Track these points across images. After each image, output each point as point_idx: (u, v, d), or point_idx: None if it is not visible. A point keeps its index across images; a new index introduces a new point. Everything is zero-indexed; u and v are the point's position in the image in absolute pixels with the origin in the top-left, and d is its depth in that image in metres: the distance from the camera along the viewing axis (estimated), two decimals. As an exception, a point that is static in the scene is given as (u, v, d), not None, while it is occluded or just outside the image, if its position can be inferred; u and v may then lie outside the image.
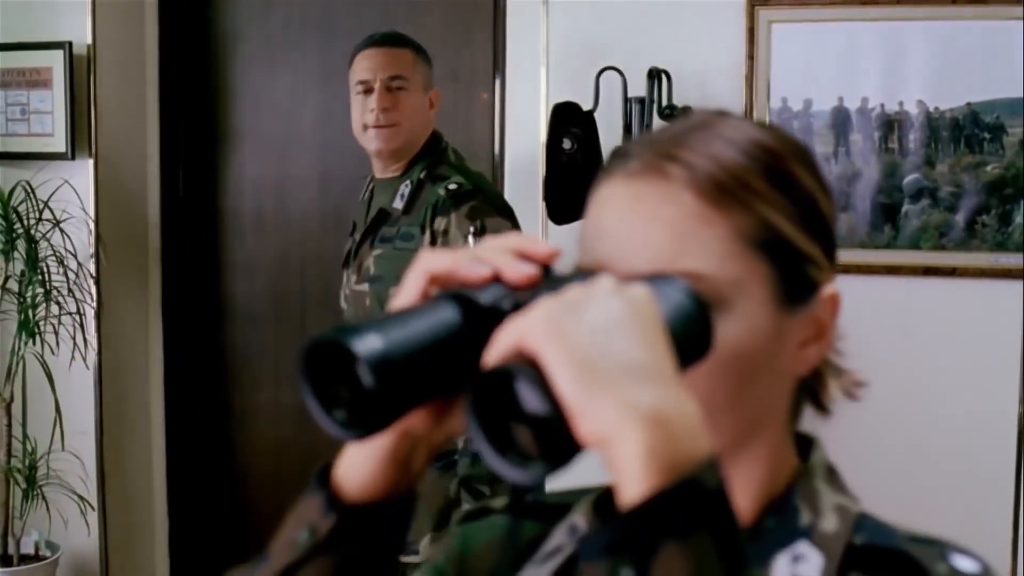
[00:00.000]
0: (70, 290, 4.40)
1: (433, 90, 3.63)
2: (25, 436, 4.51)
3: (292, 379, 2.04)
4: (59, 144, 4.50)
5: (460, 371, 0.91)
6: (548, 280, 0.96)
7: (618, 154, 1.13)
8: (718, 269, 1.06)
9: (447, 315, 0.92)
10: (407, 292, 0.98)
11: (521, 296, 0.93)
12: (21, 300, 4.39)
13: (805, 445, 1.19)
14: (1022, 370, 3.80)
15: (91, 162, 4.52)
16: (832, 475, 1.17)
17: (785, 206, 1.09)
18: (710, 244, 1.06)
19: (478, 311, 0.92)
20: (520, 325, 0.85)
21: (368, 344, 0.86)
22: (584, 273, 0.97)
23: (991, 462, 3.89)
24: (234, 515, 5.02)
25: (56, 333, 4.41)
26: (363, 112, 3.52)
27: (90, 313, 4.49)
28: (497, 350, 0.85)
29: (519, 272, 0.95)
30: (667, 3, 4.08)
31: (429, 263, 0.98)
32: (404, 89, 3.53)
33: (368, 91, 3.51)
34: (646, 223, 1.07)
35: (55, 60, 4.47)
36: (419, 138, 3.56)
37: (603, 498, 1.19)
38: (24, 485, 4.48)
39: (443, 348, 0.90)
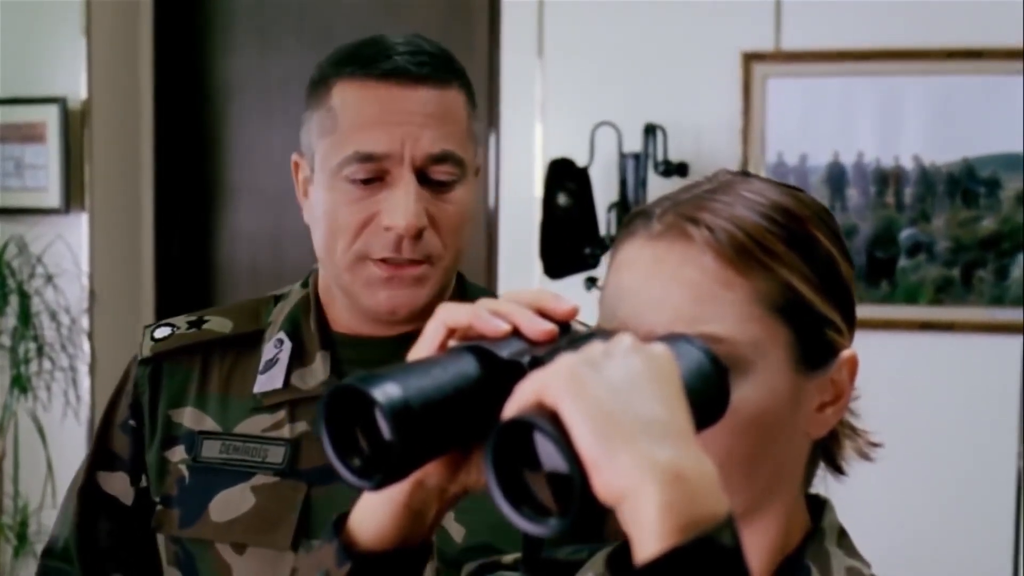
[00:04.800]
0: (63, 345, 4.39)
1: (478, 160, 1.79)
2: (16, 492, 4.48)
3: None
4: (53, 199, 4.49)
5: (477, 423, 0.91)
6: (566, 337, 0.96)
7: (639, 214, 1.14)
8: (738, 332, 1.06)
9: (466, 367, 0.92)
10: (425, 343, 0.98)
11: (539, 351, 0.93)
12: (13, 355, 4.37)
13: (816, 506, 1.19)
14: (1020, 425, 3.79)
15: (85, 216, 4.51)
16: (843, 537, 1.18)
17: (805, 270, 1.10)
18: (730, 307, 1.07)
19: (497, 364, 0.93)
20: (541, 378, 0.85)
21: (388, 392, 0.86)
22: (604, 332, 0.98)
23: (990, 517, 3.87)
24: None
25: (48, 389, 4.39)
26: (355, 222, 1.64)
27: (83, 369, 4.47)
28: (517, 402, 0.85)
29: (538, 328, 0.95)
30: (662, 59, 4.09)
31: (448, 315, 0.98)
32: (458, 181, 1.67)
33: (375, 179, 1.63)
34: (667, 285, 1.08)
35: (49, 115, 4.47)
36: (456, 271, 1.77)
37: (617, 553, 1.19)
38: (15, 542, 4.45)
39: (462, 399, 0.90)
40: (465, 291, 1.80)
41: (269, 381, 1.73)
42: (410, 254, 1.63)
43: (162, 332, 1.80)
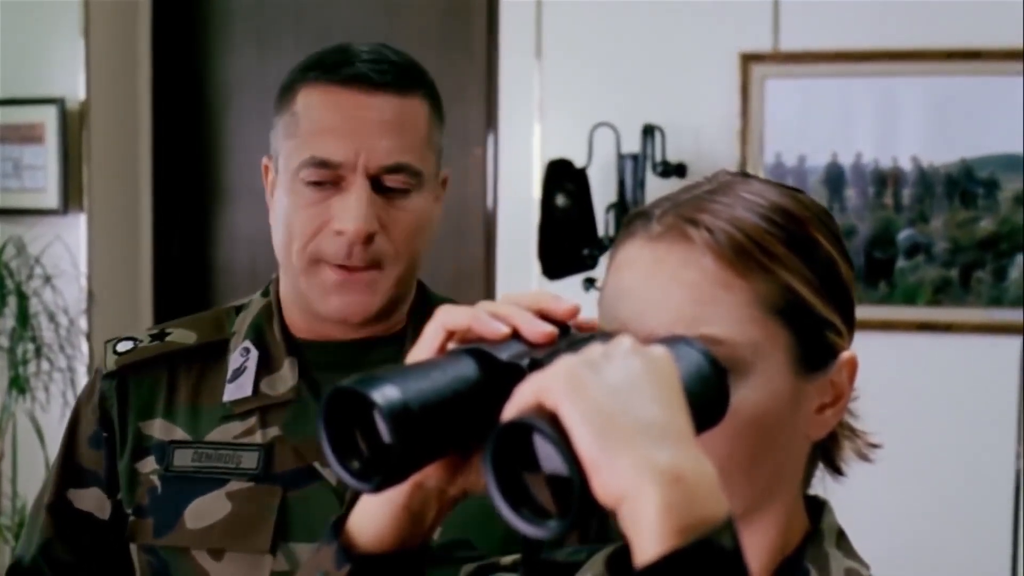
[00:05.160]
0: (61, 346, 4.39)
1: (442, 173, 1.79)
2: (14, 493, 4.47)
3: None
4: (52, 200, 4.48)
5: (477, 425, 0.91)
6: (566, 339, 0.96)
7: (639, 215, 1.13)
8: (737, 334, 1.06)
9: (465, 369, 0.92)
10: (425, 345, 0.98)
11: (538, 354, 0.93)
12: (12, 356, 4.37)
13: (815, 508, 1.19)
14: (1018, 426, 3.79)
15: (84, 217, 4.51)
16: (842, 539, 1.18)
17: (805, 272, 1.09)
18: (730, 309, 1.06)
19: (496, 366, 0.93)
20: (540, 380, 0.85)
21: (387, 395, 0.86)
22: (603, 333, 0.98)
23: (988, 518, 3.87)
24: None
25: (47, 390, 4.38)
26: (310, 227, 1.68)
27: (81, 370, 4.47)
28: (516, 404, 0.85)
29: (537, 330, 0.95)
30: (661, 59, 4.09)
31: (447, 318, 0.98)
32: (413, 190, 1.69)
33: (329, 183, 1.67)
34: (667, 287, 1.07)
35: (48, 116, 4.47)
36: (414, 277, 1.77)
37: (617, 555, 1.19)
38: (13, 543, 4.45)
39: (461, 401, 0.90)
40: (428, 301, 1.80)
41: (238, 389, 1.74)
42: (360, 259, 1.65)
43: (124, 346, 1.80)
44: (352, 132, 1.65)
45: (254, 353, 1.76)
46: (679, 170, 3.94)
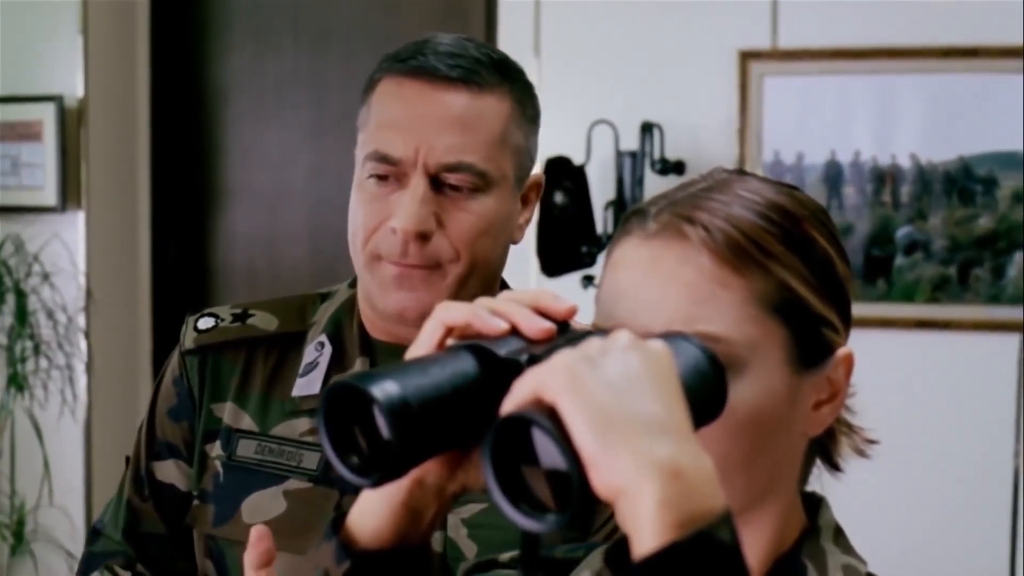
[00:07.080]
0: (60, 344, 4.39)
1: (533, 176, 1.74)
2: (13, 491, 4.48)
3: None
4: (50, 197, 4.49)
5: (476, 421, 0.91)
6: (564, 335, 0.96)
7: (636, 213, 1.13)
8: (734, 332, 1.06)
9: (464, 365, 0.92)
10: (423, 341, 0.98)
11: (537, 350, 0.93)
12: (10, 354, 4.37)
13: (812, 504, 1.19)
14: (1016, 423, 3.79)
15: (82, 215, 4.51)
16: (839, 535, 1.18)
17: (802, 269, 1.10)
18: (727, 307, 1.06)
19: (495, 362, 0.93)
20: (539, 375, 0.85)
21: (386, 390, 0.86)
22: (601, 331, 0.98)
23: (986, 515, 3.87)
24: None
25: (45, 387, 4.39)
26: (371, 223, 1.64)
27: (79, 367, 4.47)
28: (515, 399, 0.86)
29: (536, 326, 0.96)
30: (659, 57, 4.09)
31: (446, 314, 0.98)
32: (478, 190, 1.62)
33: (395, 178, 1.62)
34: (664, 285, 1.07)
35: (46, 113, 4.47)
36: (483, 280, 1.71)
37: (616, 549, 1.19)
38: (12, 541, 4.45)
39: (460, 397, 0.91)
40: None
41: (308, 385, 1.71)
42: (416, 258, 1.60)
43: (206, 323, 1.79)
44: (414, 127, 1.59)
45: (328, 348, 1.72)
46: (677, 167, 3.94)
